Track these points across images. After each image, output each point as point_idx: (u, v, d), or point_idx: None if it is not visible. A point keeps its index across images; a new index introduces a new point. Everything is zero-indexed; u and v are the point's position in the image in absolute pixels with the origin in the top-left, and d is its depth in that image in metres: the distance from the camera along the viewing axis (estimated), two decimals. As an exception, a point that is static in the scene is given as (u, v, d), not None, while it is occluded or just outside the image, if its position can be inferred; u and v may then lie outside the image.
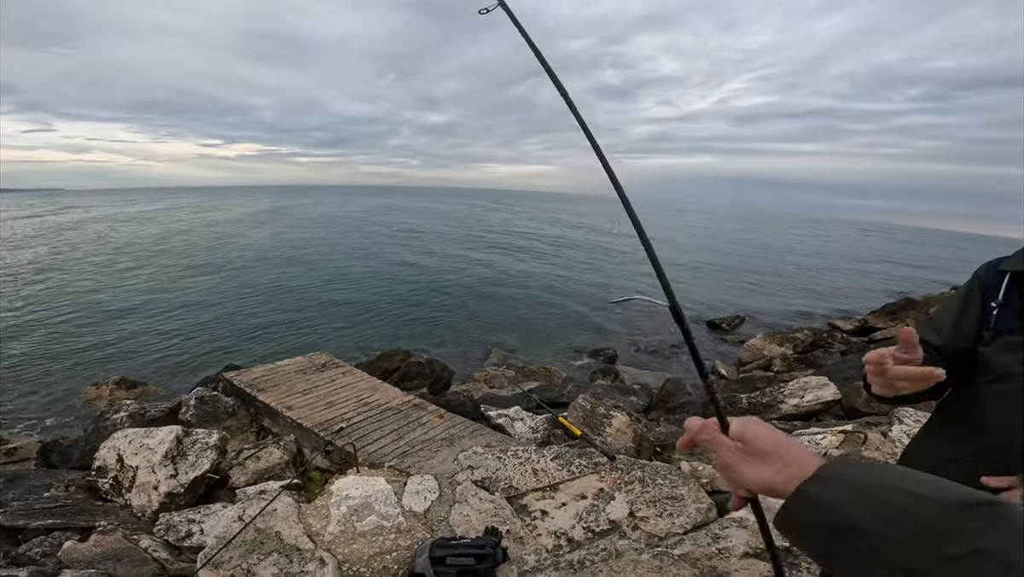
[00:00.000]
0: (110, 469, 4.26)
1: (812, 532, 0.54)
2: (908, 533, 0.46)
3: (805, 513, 0.55)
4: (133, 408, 6.12)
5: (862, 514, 0.49)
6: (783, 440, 0.63)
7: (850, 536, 0.49)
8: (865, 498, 0.50)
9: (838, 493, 0.52)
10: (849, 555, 0.50)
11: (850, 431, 4.09)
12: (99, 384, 9.61)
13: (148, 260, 26.43)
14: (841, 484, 0.53)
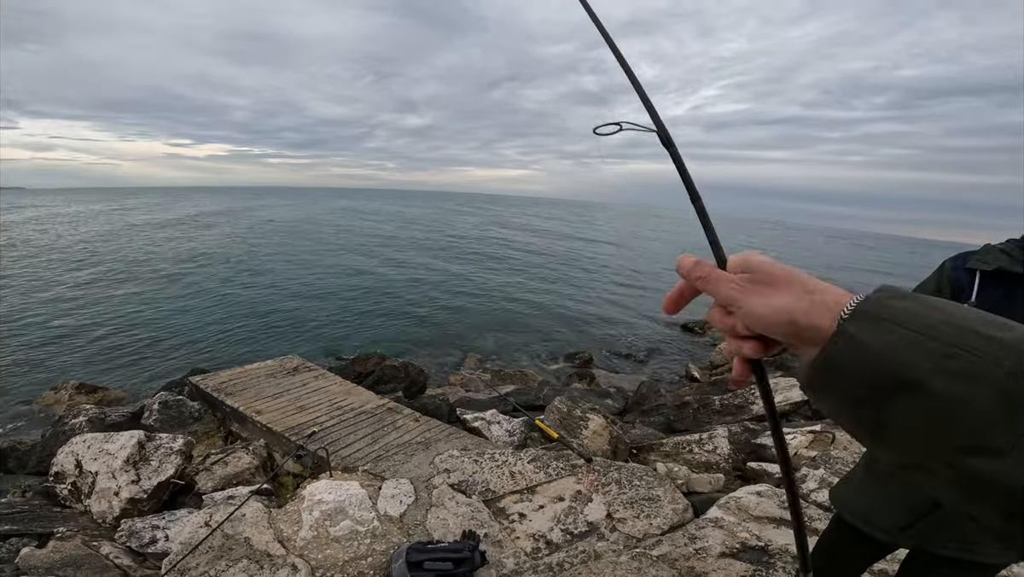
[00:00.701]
0: (68, 475, 4.08)
1: (855, 390, 0.40)
2: (983, 396, 0.34)
3: (847, 363, 0.40)
4: (93, 413, 5.88)
5: (925, 364, 0.36)
6: (796, 269, 0.50)
7: (906, 396, 0.37)
8: (930, 343, 0.37)
9: (893, 335, 0.38)
10: (904, 422, 0.38)
11: (819, 431, 4.20)
12: (57, 388, 9.20)
13: (101, 260, 25.54)
14: (896, 321, 0.39)
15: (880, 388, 0.38)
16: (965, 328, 0.37)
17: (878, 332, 0.39)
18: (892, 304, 0.40)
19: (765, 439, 4.20)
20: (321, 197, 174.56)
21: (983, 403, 0.34)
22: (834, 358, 0.41)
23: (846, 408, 0.42)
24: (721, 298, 0.52)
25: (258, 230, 42.54)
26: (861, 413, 0.40)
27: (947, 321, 0.37)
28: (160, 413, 5.93)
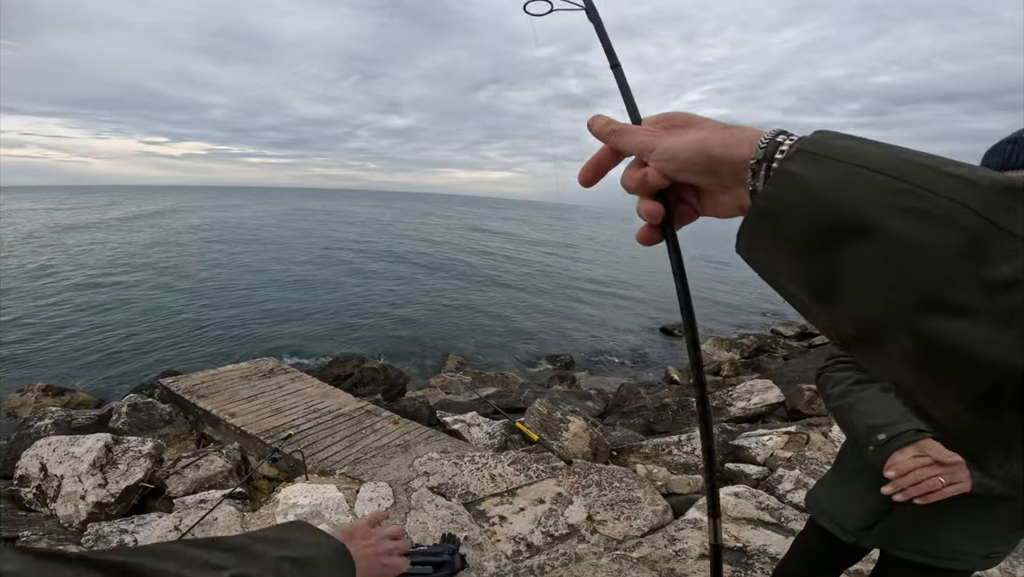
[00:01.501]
0: (33, 478, 3.94)
1: (800, 237, 0.35)
2: (945, 238, 0.29)
3: (790, 205, 0.35)
4: (59, 415, 5.68)
5: (878, 201, 0.31)
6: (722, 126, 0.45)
7: (858, 240, 0.32)
8: (883, 179, 0.32)
9: (839, 171, 0.33)
10: (856, 274, 0.32)
11: (794, 432, 4.26)
12: (23, 391, 8.88)
13: (67, 263, 24.82)
14: (841, 159, 0.34)
15: (828, 232, 0.33)
16: (923, 165, 0.32)
17: (822, 169, 0.34)
18: (834, 142, 0.36)
19: (743, 440, 4.25)
20: (294, 197, 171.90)
21: (947, 248, 0.29)
22: (775, 199, 0.36)
23: (789, 261, 0.36)
24: (635, 146, 0.47)
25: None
26: (808, 267, 0.35)
27: (901, 158, 0.33)
28: (129, 416, 5.76)
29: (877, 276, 0.31)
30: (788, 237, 0.35)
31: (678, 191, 0.48)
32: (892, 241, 0.30)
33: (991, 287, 0.27)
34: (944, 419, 0.31)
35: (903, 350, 0.31)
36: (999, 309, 0.27)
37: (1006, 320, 0.27)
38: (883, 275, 0.31)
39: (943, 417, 0.31)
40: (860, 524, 1.35)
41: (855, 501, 1.37)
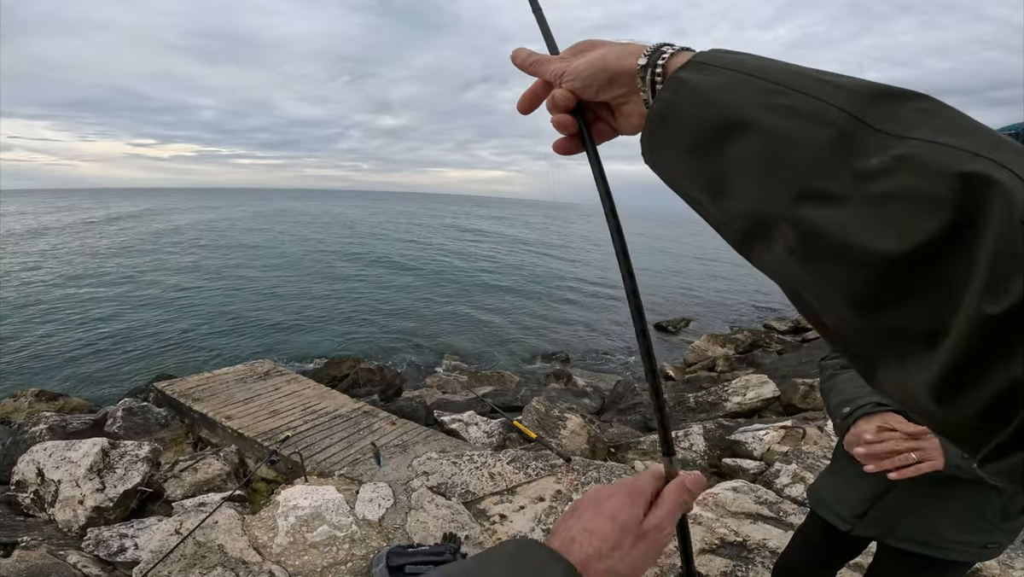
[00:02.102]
0: (30, 483, 3.93)
1: (690, 137, 0.38)
2: (815, 133, 0.32)
3: (681, 108, 0.39)
4: (53, 420, 5.64)
5: (755, 101, 0.35)
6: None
7: (739, 137, 0.35)
8: (760, 82, 0.35)
9: (723, 77, 0.37)
10: (739, 167, 0.35)
11: (790, 426, 4.30)
12: (16, 396, 8.80)
13: (56, 266, 24.62)
14: (727, 67, 0.38)
15: (713, 130, 0.36)
16: (797, 72, 0.35)
17: (709, 75, 0.38)
18: (726, 56, 0.39)
19: (739, 435, 4.28)
20: (284, 198, 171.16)
21: (814, 140, 0.31)
22: (668, 103, 0.40)
23: (685, 160, 0.39)
24: (551, 73, 0.51)
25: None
26: (700, 164, 0.38)
27: (779, 67, 0.36)
28: (124, 420, 5.73)
29: (757, 168, 0.34)
30: (681, 138, 0.39)
31: (594, 110, 0.52)
32: (767, 135, 0.33)
33: (860, 176, 0.29)
34: (835, 325, 0.33)
35: (787, 243, 0.33)
36: (869, 196, 0.29)
37: (876, 206, 0.28)
38: (761, 167, 0.34)
39: (834, 323, 0.33)
40: (854, 511, 1.37)
41: (849, 489, 1.39)
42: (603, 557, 0.48)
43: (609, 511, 0.51)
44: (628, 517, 0.50)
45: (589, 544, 0.49)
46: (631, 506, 0.51)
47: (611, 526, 0.50)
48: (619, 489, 0.53)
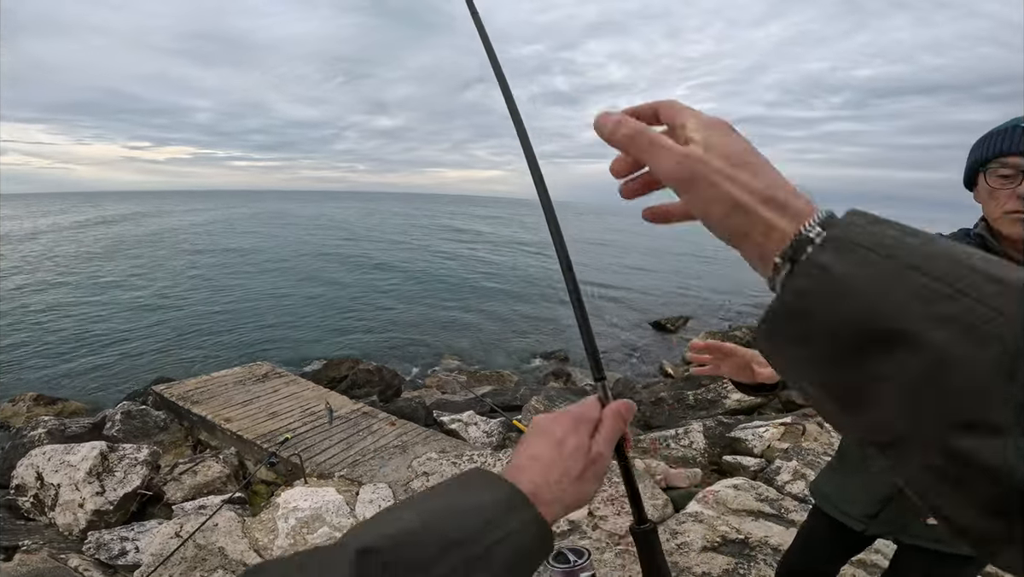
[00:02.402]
0: (29, 487, 3.92)
1: (829, 341, 0.31)
2: (981, 353, 0.26)
3: (820, 303, 0.31)
4: (52, 424, 5.63)
5: (917, 309, 0.28)
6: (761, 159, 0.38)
7: (893, 350, 0.28)
8: (923, 279, 0.28)
9: (871, 267, 0.30)
10: (887, 386, 0.29)
11: (789, 423, 4.30)
12: (15, 400, 8.79)
13: (52, 270, 24.55)
14: (879, 251, 0.30)
15: (861, 339, 0.29)
16: (965, 264, 0.28)
17: (857, 262, 0.30)
18: (870, 228, 0.31)
19: (739, 432, 4.29)
20: (280, 200, 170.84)
21: (980, 361, 0.26)
22: (805, 295, 0.32)
23: (817, 368, 0.32)
24: (665, 173, 0.39)
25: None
26: (836, 374, 0.31)
27: (940, 253, 0.29)
28: (123, 423, 5.72)
29: (912, 390, 0.28)
30: (816, 341, 0.31)
31: None
32: (933, 355, 0.27)
33: (1016, 404, 0.25)
34: (958, 523, 0.30)
35: (929, 463, 0.28)
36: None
37: None
38: (919, 389, 0.28)
39: (957, 521, 0.30)
40: (866, 511, 1.36)
41: (860, 489, 1.38)
42: (551, 485, 0.48)
43: (555, 438, 0.50)
44: (575, 445, 0.50)
45: (536, 472, 0.48)
46: (576, 434, 0.51)
47: (558, 454, 0.50)
48: (564, 416, 0.53)
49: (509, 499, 0.45)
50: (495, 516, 0.43)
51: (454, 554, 0.40)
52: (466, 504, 0.44)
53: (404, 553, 0.39)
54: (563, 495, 0.49)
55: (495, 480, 0.47)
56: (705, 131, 0.38)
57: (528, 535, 0.44)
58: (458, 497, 0.45)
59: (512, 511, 0.44)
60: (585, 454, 0.50)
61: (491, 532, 0.42)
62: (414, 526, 0.41)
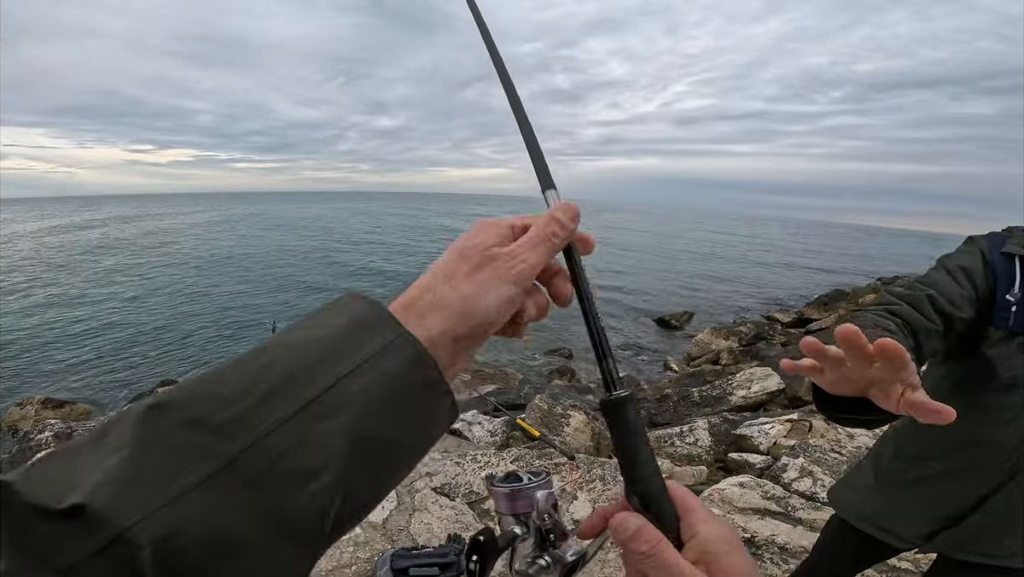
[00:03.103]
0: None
1: None
2: None
3: None
4: (59, 427, 5.65)
5: None
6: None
7: None
8: None
9: None
10: None
11: (796, 420, 4.27)
12: (22, 404, 8.85)
13: (57, 273, 24.69)
14: None
15: None
16: None
17: None
18: None
19: (745, 429, 4.26)
20: (280, 202, 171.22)
21: None
22: None
23: None
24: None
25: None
26: None
27: None
28: (129, 426, 5.75)
29: None
30: None
31: None
32: None
33: None
34: None
35: None
36: None
37: None
38: None
39: None
40: (920, 532, 1.29)
41: (913, 509, 1.30)
42: (430, 288, 0.39)
43: (455, 245, 0.43)
44: (471, 244, 0.42)
45: (418, 283, 0.40)
46: (477, 235, 0.43)
47: (449, 257, 0.41)
48: (480, 224, 0.45)
49: (362, 319, 0.35)
50: (340, 342, 0.33)
51: (284, 397, 0.30)
52: (308, 335, 0.34)
53: (207, 405, 0.30)
54: (445, 297, 0.38)
55: (352, 302, 0.37)
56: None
57: (391, 360, 0.33)
58: (303, 330, 0.35)
59: (365, 331, 0.34)
60: (482, 252, 0.41)
61: (335, 363, 0.32)
62: (229, 373, 0.33)
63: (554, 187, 0.50)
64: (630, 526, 0.41)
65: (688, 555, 0.40)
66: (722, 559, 0.39)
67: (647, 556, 0.40)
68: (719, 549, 0.40)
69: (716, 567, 0.39)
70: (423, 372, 0.35)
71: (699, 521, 0.42)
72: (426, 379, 0.35)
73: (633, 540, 0.41)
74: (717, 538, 0.41)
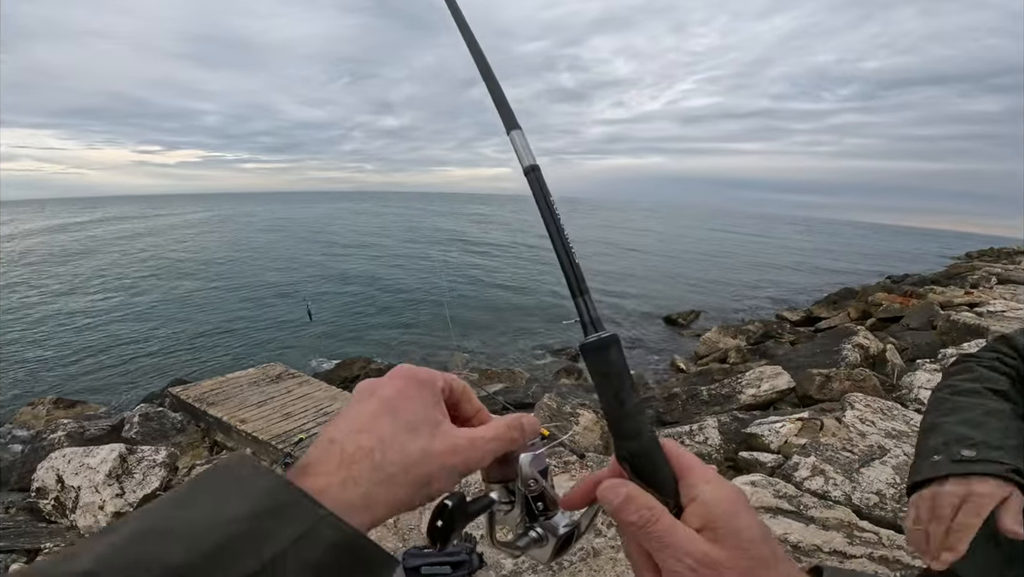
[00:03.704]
0: (50, 490, 3.98)
1: None
2: None
3: None
4: (71, 427, 5.72)
5: None
6: (777, 547, 0.36)
7: None
8: None
9: None
10: None
11: (807, 418, 4.25)
12: (34, 404, 8.94)
13: (70, 275, 24.90)
14: None
15: None
16: None
17: None
18: None
19: (755, 428, 4.24)
20: (288, 201, 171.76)
21: None
22: None
23: None
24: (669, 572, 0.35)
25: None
26: None
27: None
28: (141, 425, 5.79)
29: None
30: None
31: None
32: None
33: None
34: None
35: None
36: None
37: None
38: None
39: None
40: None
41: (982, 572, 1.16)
42: (367, 454, 0.33)
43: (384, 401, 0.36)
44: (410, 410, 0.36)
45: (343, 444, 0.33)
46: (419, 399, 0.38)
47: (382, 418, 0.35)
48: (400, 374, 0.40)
49: (271, 505, 0.28)
50: (247, 530, 0.27)
51: None
52: (204, 519, 0.27)
53: None
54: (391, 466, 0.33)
55: (255, 473, 0.31)
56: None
57: (310, 551, 0.28)
58: (195, 508, 0.28)
59: (277, 517, 0.28)
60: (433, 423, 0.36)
61: (234, 561, 0.26)
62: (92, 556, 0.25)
63: (518, 127, 0.49)
64: (619, 494, 0.37)
65: (691, 522, 0.35)
66: (730, 522, 0.35)
67: (640, 527, 0.35)
68: (726, 512, 0.35)
69: (723, 532, 0.34)
70: (353, 555, 0.29)
71: (700, 481, 0.37)
72: (358, 560, 0.30)
73: (623, 510, 0.36)
74: (723, 500, 0.36)
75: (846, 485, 2.93)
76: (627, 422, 0.39)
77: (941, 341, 6.95)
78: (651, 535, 0.35)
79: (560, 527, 0.43)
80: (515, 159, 0.51)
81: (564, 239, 0.46)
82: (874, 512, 2.67)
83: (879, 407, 3.94)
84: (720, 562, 0.33)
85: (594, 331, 0.41)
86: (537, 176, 0.48)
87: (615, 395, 0.39)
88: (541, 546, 0.43)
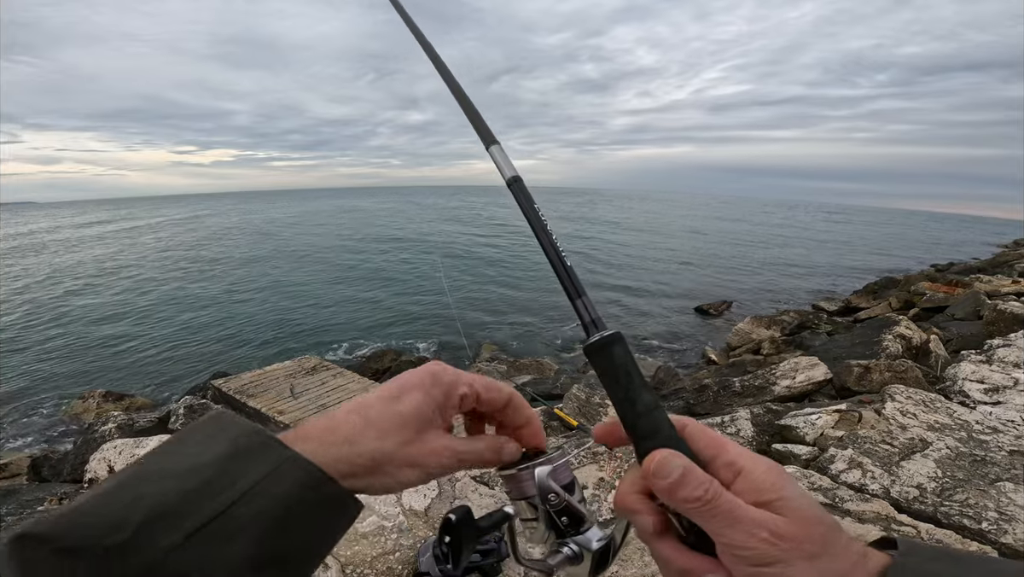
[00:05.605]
0: (102, 481, 4.18)
1: None
2: None
3: None
4: (121, 419, 5.99)
5: None
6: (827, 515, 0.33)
7: None
8: None
9: None
10: None
11: (844, 410, 4.13)
12: (85, 397, 9.42)
13: (116, 273, 25.95)
14: None
15: None
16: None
17: None
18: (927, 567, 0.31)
19: (789, 420, 4.15)
20: (321, 197, 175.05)
21: None
22: None
23: None
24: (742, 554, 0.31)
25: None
26: None
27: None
28: (186, 417, 6.03)
29: None
30: None
31: None
32: None
33: None
34: None
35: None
36: None
37: None
38: None
39: None
40: None
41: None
42: (353, 441, 0.38)
43: (389, 392, 0.41)
44: (410, 408, 0.40)
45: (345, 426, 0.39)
46: (421, 391, 0.40)
47: (385, 412, 0.40)
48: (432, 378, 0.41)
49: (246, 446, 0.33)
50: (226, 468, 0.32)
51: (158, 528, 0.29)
52: (188, 463, 0.32)
53: (78, 535, 0.28)
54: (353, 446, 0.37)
55: (234, 423, 0.36)
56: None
57: (279, 484, 0.32)
58: (181, 455, 0.33)
59: (249, 458, 0.33)
60: (417, 418, 0.39)
61: (221, 490, 0.31)
62: (98, 500, 0.32)
63: (496, 142, 0.51)
64: (674, 468, 0.33)
65: (744, 496, 0.33)
66: (785, 492, 0.32)
67: (705, 503, 0.32)
68: (775, 483, 0.33)
69: (780, 504, 0.32)
70: (317, 491, 0.34)
71: (738, 457, 0.35)
72: (322, 496, 0.35)
73: (683, 486, 0.33)
74: (770, 471, 0.34)
75: (885, 478, 2.85)
76: (643, 421, 0.37)
77: (987, 332, 6.64)
78: (718, 510, 0.32)
79: (594, 541, 0.42)
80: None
81: (554, 244, 0.46)
82: (913, 506, 2.59)
83: (921, 399, 3.81)
84: (794, 534, 0.31)
85: (596, 331, 0.41)
86: (520, 187, 0.50)
87: (626, 395, 0.38)
88: (576, 564, 0.41)
